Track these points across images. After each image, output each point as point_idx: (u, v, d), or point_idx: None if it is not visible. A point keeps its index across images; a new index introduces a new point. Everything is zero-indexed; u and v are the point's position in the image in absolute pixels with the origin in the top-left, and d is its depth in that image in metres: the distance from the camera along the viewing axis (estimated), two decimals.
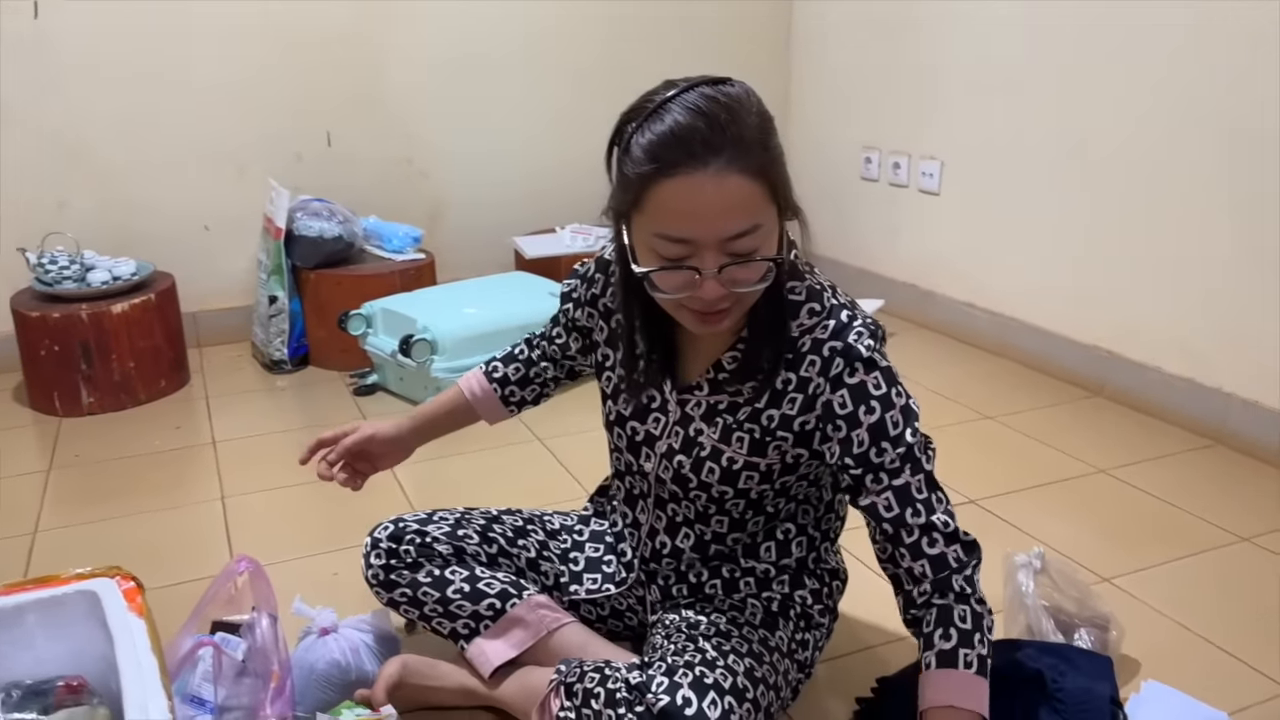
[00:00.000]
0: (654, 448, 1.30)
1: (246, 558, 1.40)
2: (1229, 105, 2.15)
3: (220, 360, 2.93)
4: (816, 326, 1.19)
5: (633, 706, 1.12)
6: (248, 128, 2.95)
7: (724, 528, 1.32)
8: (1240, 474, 2.13)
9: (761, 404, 1.22)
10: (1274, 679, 1.47)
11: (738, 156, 1.04)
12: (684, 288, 1.09)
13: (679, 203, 1.05)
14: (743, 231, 1.06)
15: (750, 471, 1.25)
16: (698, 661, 1.17)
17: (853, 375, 1.15)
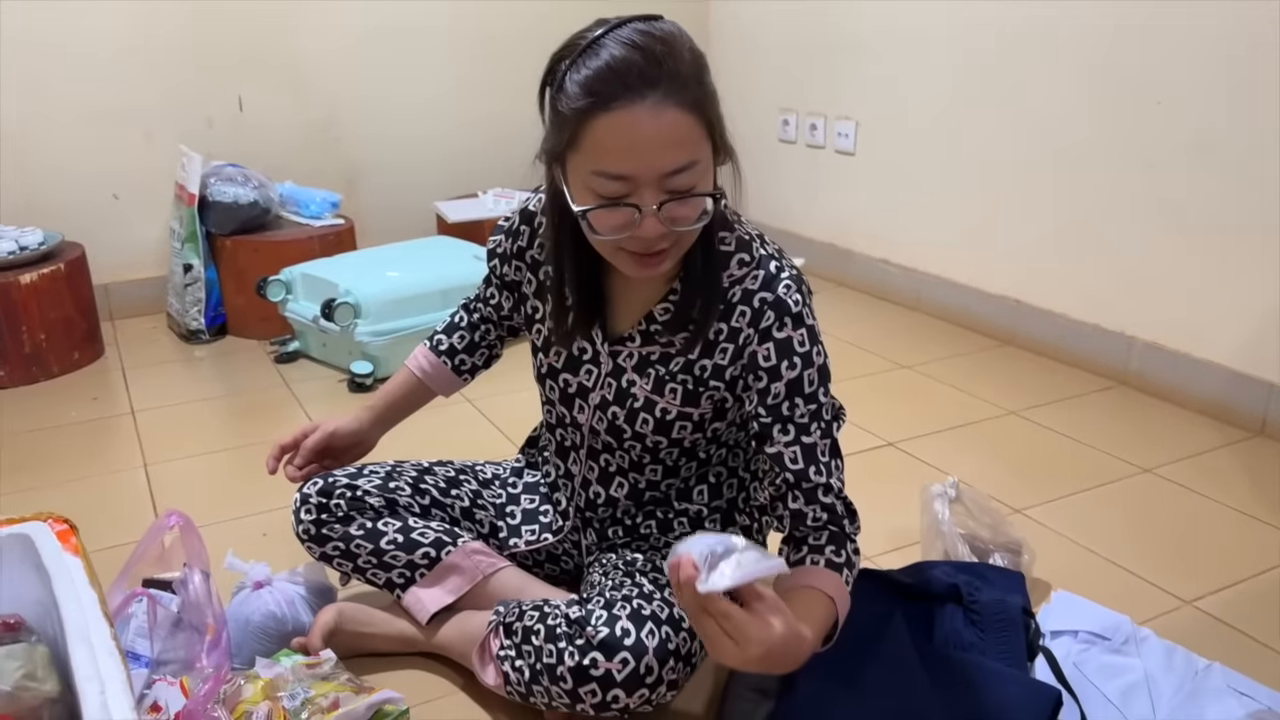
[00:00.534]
0: (587, 400, 1.32)
1: (176, 512, 1.38)
2: (1132, 63, 2.24)
3: (135, 332, 2.86)
4: (746, 277, 1.19)
5: (573, 640, 1.15)
6: (155, 93, 2.87)
7: (658, 475, 1.35)
8: (1142, 411, 2.24)
9: (694, 355, 1.23)
10: (1174, 594, 1.56)
11: (674, 90, 1.03)
12: (623, 227, 1.07)
13: (617, 138, 1.03)
14: (681, 167, 1.05)
15: (683, 421, 1.27)
16: (635, 595, 1.20)
17: (781, 330, 1.17)
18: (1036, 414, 2.22)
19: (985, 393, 2.34)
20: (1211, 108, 2.09)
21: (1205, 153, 2.12)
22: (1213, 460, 2.01)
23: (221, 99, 2.97)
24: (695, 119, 1.05)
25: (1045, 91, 2.45)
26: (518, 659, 1.19)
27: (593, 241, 1.13)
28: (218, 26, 2.90)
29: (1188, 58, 2.12)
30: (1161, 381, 2.29)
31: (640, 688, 1.13)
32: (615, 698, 1.13)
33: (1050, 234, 2.51)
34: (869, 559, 1.65)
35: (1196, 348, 2.22)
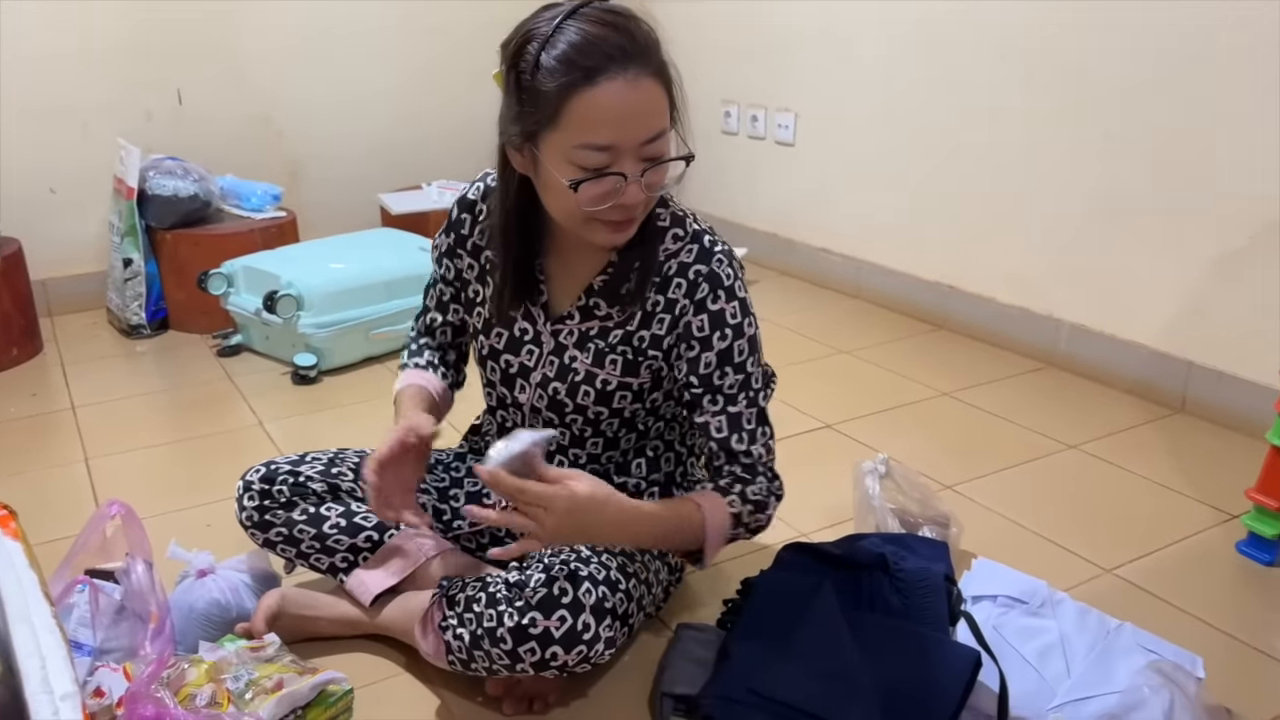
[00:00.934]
0: (529, 379, 1.35)
1: (117, 502, 1.39)
2: (1057, 55, 2.32)
3: (75, 328, 2.83)
4: (681, 250, 1.25)
5: (512, 602, 1.18)
6: (92, 86, 2.84)
7: (598, 448, 1.38)
8: (1069, 391, 2.32)
9: (633, 326, 1.28)
10: (1096, 563, 1.63)
11: (647, 62, 1.10)
12: (608, 196, 1.13)
13: (602, 110, 1.08)
14: (656, 135, 1.12)
15: (624, 391, 1.31)
16: (573, 559, 1.24)
17: (715, 302, 1.23)
18: (968, 395, 2.29)
19: (920, 375, 2.40)
20: (1133, 99, 2.16)
21: (1128, 142, 2.20)
22: (1135, 436, 2.09)
23: (161, 92, 2.94)
24: (663, 89, 1.13)
25: (975, 82, 2.52)
26: (459, 627, 1.22)
27: (566, 214, 1.17)
28: (156, 19, 2.87)
29: (1111, 51, 2.19)
30: (1088, 362, 2.37)
31: (578, 644, 1.16)
32: (554, 655, 1.16)
33: (981, 222, 2.58)
34: (806, 535, 1.70)
35: (1121, 329, 2.30)
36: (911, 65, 2.68)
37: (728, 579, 1.53)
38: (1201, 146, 2.05)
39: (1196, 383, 2.16)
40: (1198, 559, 1.65)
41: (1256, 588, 1.58)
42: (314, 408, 2.30)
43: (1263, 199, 1.97)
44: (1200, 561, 1.64)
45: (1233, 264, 2.05)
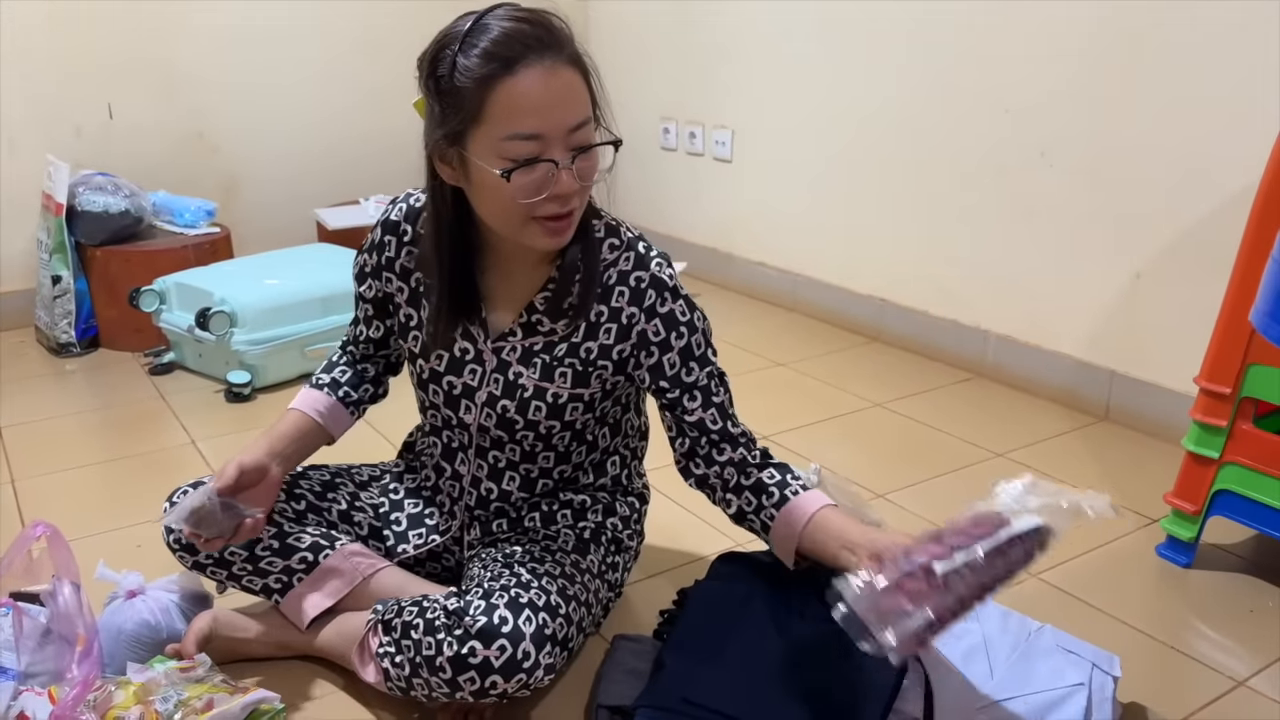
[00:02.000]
0: (474, 399, 1.35)
1: (42, 523, 1.36)
2: (980, 71, 2.38)
3: (2, 347, 2.77)
4: (619, 259, 1.28)
5: (451, 630, 1.17)
6: (18, 100, 2.79)
7: (550, 462, 1.39)
8: (997, 401, 2.38)
9: (578, 338, 1.29)
10: None
11: (564, 52, 1.13)
12: (542, 186, 1.13)
13: (525, 98, 1.10)
14: (581, 122, 1.14)
15: (575, 403, 1.33)
16: (513, 584, 1.23)
17: (664, 305, 1.27)
18: (900, 405, 2.34)
19: (854, 386, 2.45)
20: (1056, 115, 2.24)
21: (1050, 158, 2.27)
22: (1061, 444, 2.15)
23: (90, 107, 2.90)
24: (582, 79, 1.16)
25: (906, 100, 2.58)
26: (397, 654, 1.22)
27: (503, 216, 1.18)
28: (84, 32, 2.83)
29: (1034, 67, 2.26)
30: (1015, 372, 2.44)
31: (518, 673, 1.16)
32: (493, 684, 1.16)
33: (912, 236, 2.64)
34: (738, 546, 1.72)
35: (1046, 340, 2.37)
36: (845, 84, 2.74)
37: (665, 592, 1.54)
38: (1124, 162, 2.13)
39: (1119, 391, 2.23)
40: (1119, 562, 1.70)
41: (1175, 589, 1.63)
42: (248, 425, 2.27)
43: (1180, 214, 2.04)
44: (1121, 565, 1.70)
45: (1153, 277, 2.12)
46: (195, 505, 1.27)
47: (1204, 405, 1.61)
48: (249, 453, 1.32)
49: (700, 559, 1.68)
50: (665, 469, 1.99)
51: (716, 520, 1.81)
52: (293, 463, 1.41)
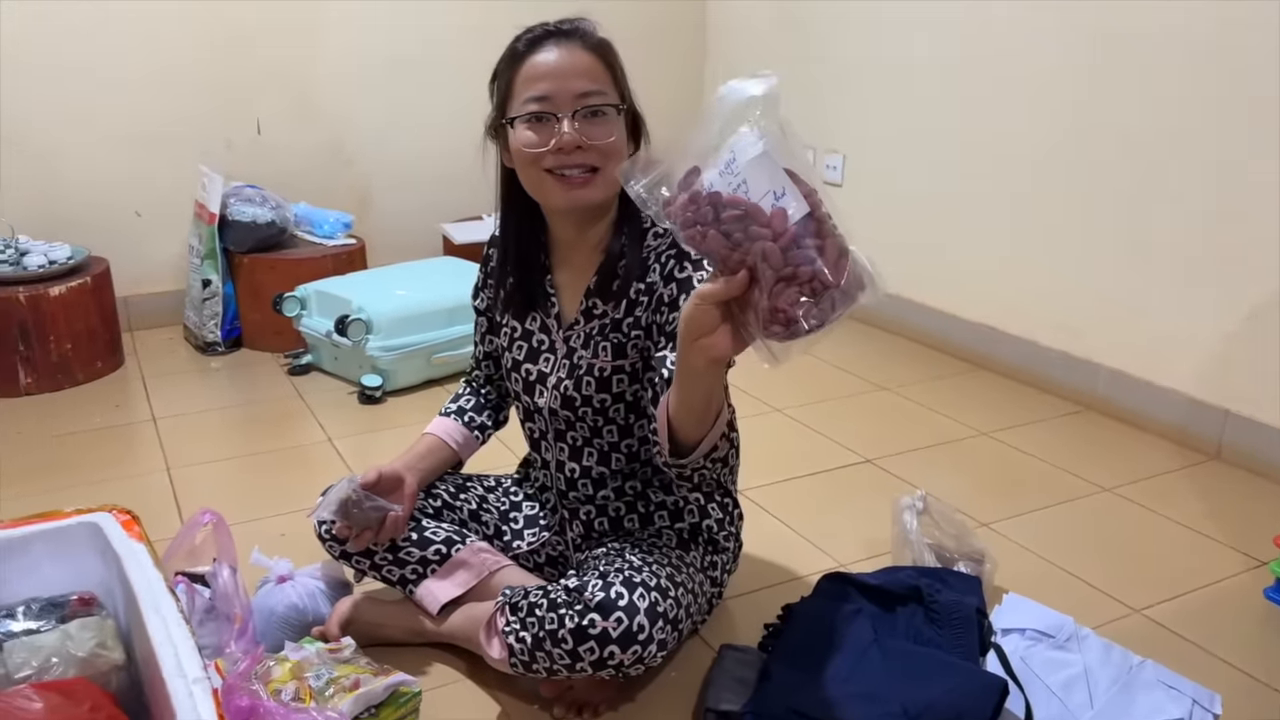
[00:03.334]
0: (545, 384, 1.48)
1: (211, 511, 1.51)
2: (1101, 105, 2.40)
3: (154, 343, 3.00)
4: (660, 244, 1.39)
5: (571, 606, 1.28)
6: (179, 116, 3.02)
7: (615, 435, 1.48)
8: (1106, 434, 2.38)
9: (620, 315, 1.40)
10: (1125, 603, 1.69)
11: (583, 40, 1.33)
12: (547, 137, 1.30)
13: (537, 69, 1.31)
14: (590, 91, 1.31)
15: (619, 375, 1.42)
16: (626, 568, 1.34)
17: (681, 271, 1.35)
18: (1006, 435, 2.36)
19: (959, 414, 2.48)
20: (1177, 150, 2.24)
21: (1170, 193, 2.27)
22: (1170, 482, 2.15)
23: (240, 122, 3.11)
24: (600, 63, 1.33)
25: (1020, 129, 2.60)
26: (522, 630, 1.32)
27: (525, 176, 1.35)
28: (238, 54, 3.05)
29: (1156, 103, 2.27)
30: (1125, 406, 2.44)
31: (633, 644, 1.25)
32: (611, 654, 1.25)
33: (1024, 266, 2.66)
34: (845, 565, 1.78)
35: (1158, 375, 2.36)
36: (960, 114, 2.77)
37: (768, 605, 1.61)
38: (1243, 196, 2.12)
39: (1232, 431, 2.21)
40: (1224, 603, 1.71)
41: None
42: (378, 426, 2.43)
43: None
44: (1227, 606, 1.70)
45: (1271, 317, 2.11)
46: (342, 496, 1.43)
47: None
48: (389, 464, 1.50)
49: (803, 577, 1.75)
50: (769, 486, 2.08)
51: (820, 540, 1.88)
52: (426, 477, 1.58)
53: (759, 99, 0.90)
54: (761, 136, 0.88)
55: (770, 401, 2.52)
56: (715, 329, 0.95)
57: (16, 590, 1.06)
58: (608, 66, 1.34)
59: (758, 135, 0.89)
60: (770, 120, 0.90)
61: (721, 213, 0.88)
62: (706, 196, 0.89)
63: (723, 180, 0.89)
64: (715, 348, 0.95)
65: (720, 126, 0.92)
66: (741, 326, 0.93)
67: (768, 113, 0.90)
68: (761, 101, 0.90)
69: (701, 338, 0.96)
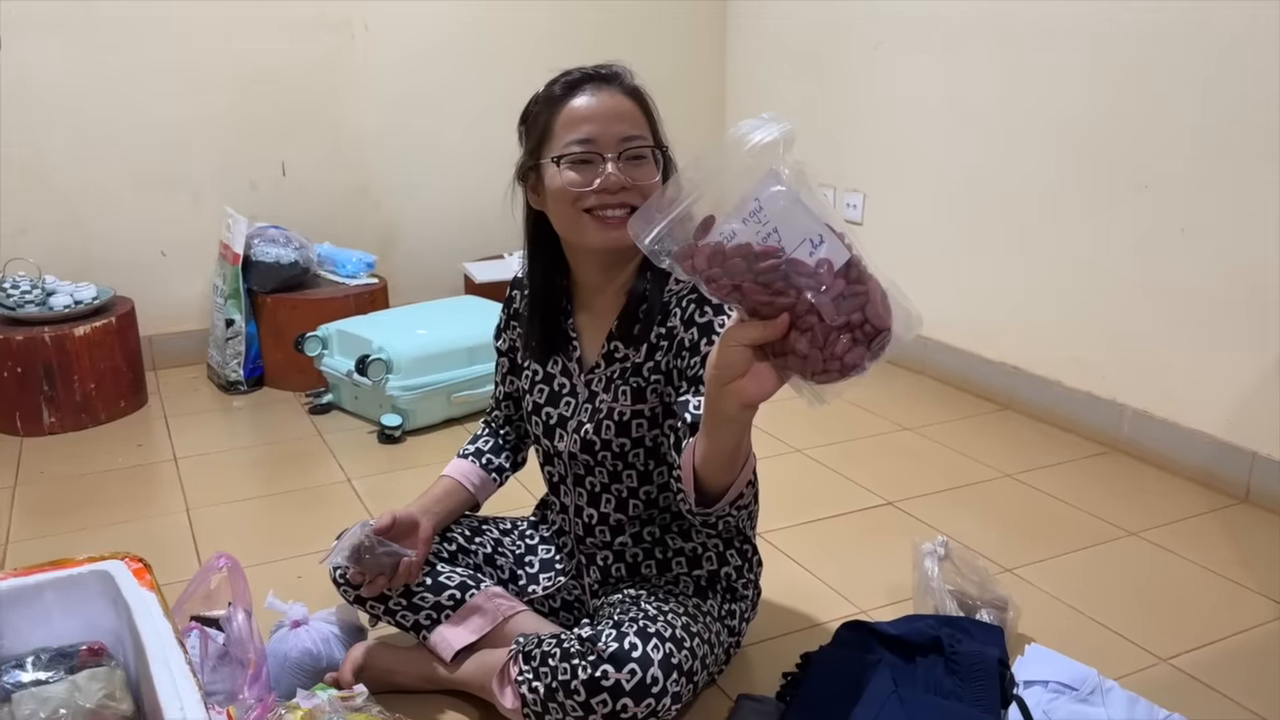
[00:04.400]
0: (566, 428, 1.48)
1: (226, 555, 1.51)
2: (1121, 147, 2.38)
3: (177, 382, 3.02)
4: (682, 288, 1.38)
5: (585, 656, 1.27)
6: (204, 158, 3.06)
7: (634, 481, 1.47)
8: (1132, 477, 2.34)
9: (641, 358, 1.40)
10: (1152, 652, 1.66)
11: (622, 86, 1.36)
12: (591, 178, 1.31)
13: (581, 111, 1.33)
14: (632, 135, 1.33)
15: (638, 419, 1.41)
16: (641, 617, 1.33)
17: (703, 316, 1.34)
18: (1030, 477, 2.33)
19: (983, 455, 2.45)
20: (1197, 191, 2.22)
21: (1191, 234, 2.25)
22: (1198, 525, 2.11)
23: (265, 164, 3.15)
24: (639, 108, 1.36)
25: (1044, 168, 2.59)
26: (535, 680, 1.31)
27: (563, 217, 1.35)
28: (262, 97, 3.09)
29: (1174, 144, 2.25)
30: (1151, 448, 2.40)
31: (647, 697, 1.24)
32: (624, 706, 1.24)
33: (1048, 305, 2.64)
34: (866, 612, 1.76)
35: (1184, 417, 2.33)
36: (982, 155, 2.77)
37: (786, 653, 1.59)
38: (1264, 241, 2.10)
39: (1260, 473, 2.17)
40: (1255, 652, 1.67)
41: None
42: (398, 466, 2.43)
43: None
44: (1257, 655, 1.66)
45: None
46: (355, 542, 1.43)
47: None
48: (403, 508, 1.50)
49: (822, 624, 1.72)
50: (789, 529, 2.06)
51: (841, 585, 1.85)
52: (442, 521, 1.57)
53: (776, 143, 0.89)
54: (787, 183, 0.86)
55: (790, 442, 2.50)
56: (746, 372, 0.94)
57: (28, 639, 1.07)
58: (645, 112, 1.37)
59: (783, 181, 0.87)
60: (789, 164, 0.88)
61: (755, 264, 0.87)
62: (734, 249, 0.87)
63: (748, 229, 0.87)
64: (747, 391, 0.94)
65: (733, 171, 0.91)
66: (779, 370, 0.92)
67: (785, 157, 0.89)
68: (779, 145, 0.89)
69: (733, 381, 0.94)
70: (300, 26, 3.09)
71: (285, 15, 3.06)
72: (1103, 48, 2.38)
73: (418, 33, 3.26)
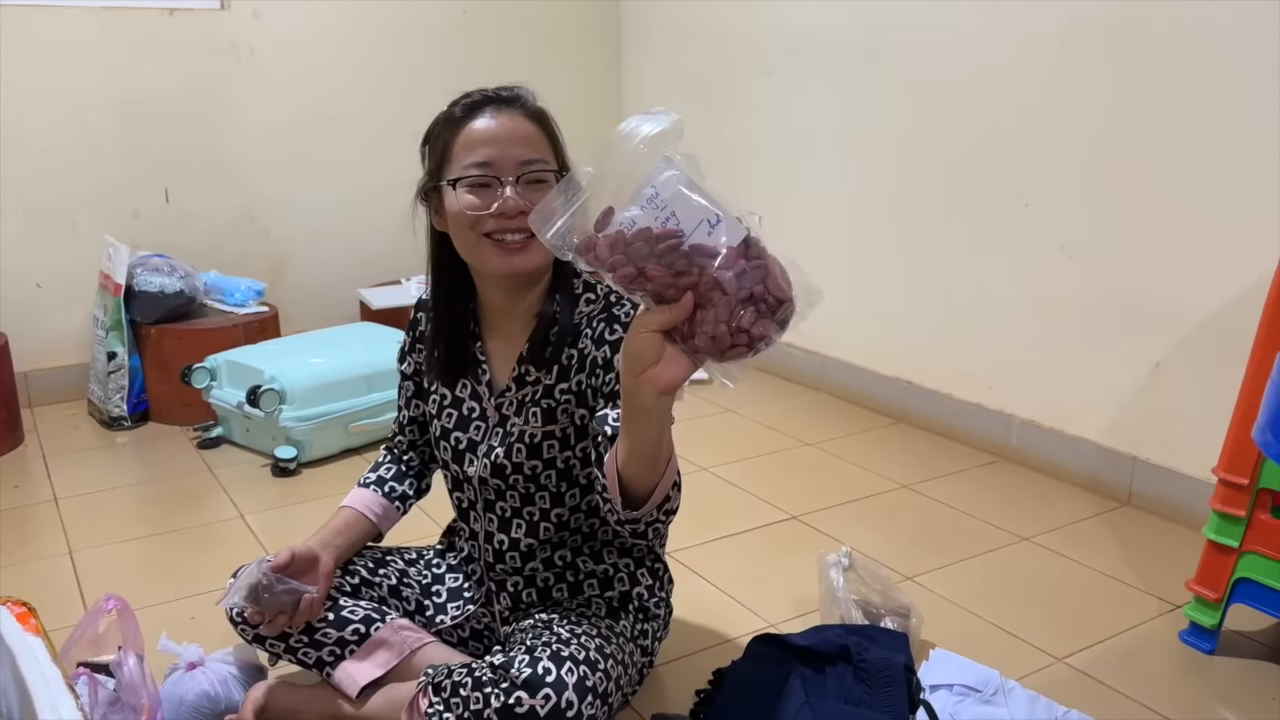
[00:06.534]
0: (476, 452, 1.46)
1: (115, 597, 1.44)
2: (1001, 168, 2.49)
3: (55, 419, 2.88)
4: (593, 309, 1.40)
5: (498, 684, 1.24)
6: (81, 185, 2.94)
7: (546, 503, 1.46)
8: (1021, 484, 2.43)
9: (552, 380, 1.40)
10: (1048, 652, 1.71)
11: (524, 108, 1.35)
12: (489, 202, 1.30)
13: (480, 134, 1.32)
14: (532, 159, 1.32)
15: (549, 440, 1.41)
16: (554, 641, 1.31)
17: (613, 333, 1.36)
18: (926, 487, 2.40)
19: (881, 468, 2.51)
20: (1074, 209, 2.33)
21: (1071, 250, 2.35)
22: (1085, 529, 2.19)
23: (148, 191, 3.05)
24: (541, 131, 1.35)
25: (932, 189, 2.68)
26: (446, 711, 1.27)
27: (463, 241, 1.35)
28: (144, 122, 2.99)
29: (1052, 164, 2.36)
30: (1038, 456, 2.49)
31: None
32: None
33: (937, 322, 2.72)
34: (775, 625, 1.77)
35: (1069, 425, 2.43)
36: (869, 173, 2.85)
37: (698, 670, 1.59)
38: (1140, 254, 2.21)
39: (1141, 477, 2.28)
40: (1143, 648, 1.74)
41: (1198, 676, 1.66)
42: (294, 500, 2.36)
43: (1196, 306, 2.12)
44: (1145, 650, 1.73)
45: (1173, 366, 2.19)
46: (252, 581, 1.37)
47: (1223, 495, 1.66)
48: (302, 543, 1.46)
49: (733, 639, 1.73)
50: (697, 547, 2.07)
51: (750, 600, 1.87)
52: (344, 554, 1.53)
53: (666, 133, 0.93)
54: (680, 168, 0.91)
55: (695, 460, 2.52)
56: (660, 357, 0.95)
57: None
58: (547, 134, 1.36)
59: (676, 167, 0.92)
60: (681, 152, 0.93)
61: (656, 246, 0.90)
62: (636, 233, 0.90)
63: (647, 215, 0.91)
64: (661, 378, 0.96)
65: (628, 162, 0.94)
66: (689, 353, 0.95)
67: (676, 145, 0.93)
68: (669, 135, 0.93)
69: (647, 369, 0.96)
70: (183, 49, 3.01)
71: (168, 38, 2.98)
72: (984, 75, 2.48)
73: (306, 56, 3.20)
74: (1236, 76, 1.98)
